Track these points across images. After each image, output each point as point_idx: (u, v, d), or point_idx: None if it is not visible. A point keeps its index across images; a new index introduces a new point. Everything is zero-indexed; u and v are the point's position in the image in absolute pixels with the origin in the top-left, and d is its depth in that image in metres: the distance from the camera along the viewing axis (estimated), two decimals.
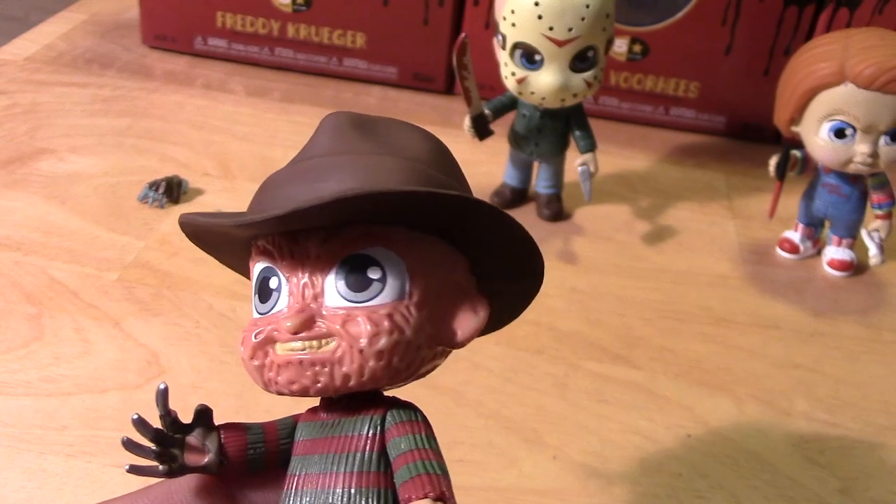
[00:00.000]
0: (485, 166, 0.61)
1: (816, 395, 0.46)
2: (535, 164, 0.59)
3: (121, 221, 0.54)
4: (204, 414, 0.24)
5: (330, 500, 0.21)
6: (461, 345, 0.23)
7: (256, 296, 0.23)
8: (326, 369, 0.22)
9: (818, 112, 0.50)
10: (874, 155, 0.50)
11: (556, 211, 0.58)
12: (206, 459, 0.23)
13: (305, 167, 0.23)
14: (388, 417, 0.22)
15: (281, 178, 0.23)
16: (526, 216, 0.59)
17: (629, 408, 0.44)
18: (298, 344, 0.22)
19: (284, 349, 0.22)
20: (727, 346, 0.48)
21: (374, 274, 0.22)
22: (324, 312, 0.22)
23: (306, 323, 0.22)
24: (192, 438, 0.23)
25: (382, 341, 0.21)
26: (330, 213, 0.21)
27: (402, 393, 0.24)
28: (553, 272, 0.53)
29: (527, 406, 0.43)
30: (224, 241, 0.25)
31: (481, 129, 0.56)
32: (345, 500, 0.21)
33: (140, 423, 0.22)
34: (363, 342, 0.21)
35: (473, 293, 0.24)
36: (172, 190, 0.56)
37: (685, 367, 0.47)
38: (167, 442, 0.23)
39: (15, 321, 0.45)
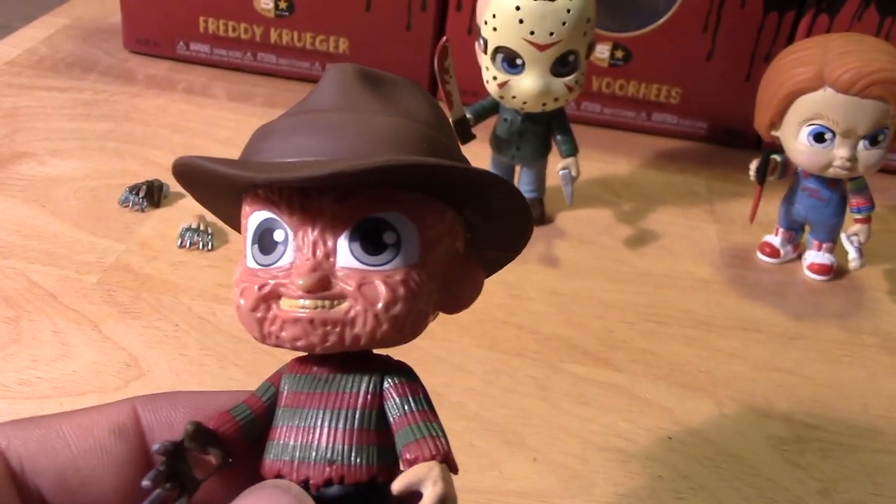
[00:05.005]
0: None
1: (796, 397, 0.46)
2: (517, 169, 0.59)
3: (101, 225, 0.54)
4: (196, 431, 0.22)
5: (328, 456, 0.21)
6: (458, 311, 0.24)
7: (255, 245, 0.23)
8: (337, 329, 0.21)
9: (797, 116, 0.50)
10: (853, 159, 0.50)
11: (538, 215, 0.58)
12: (215, 466, 0.22)
13: (315, 120, 0.22)
14: (388, 378, 0.22)
15: (286, 127, 0.23)
16: None
17: (610, 410, 0.44)
18: (309, 302, 0.21)
19: (292, 305, 0.22)
20: (708, 349, 0.49)
21: (389, 239, 0.22)
22: (337, 273, 0.22)
23: (321, 282, 0.21)
24: (194, 453, 0.22)
25: (398, 307, 0.21)
26: (360, 177, 0.21)
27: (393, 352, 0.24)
28: (535, 275, 0.53)
29: (508, 408, 0.43)
30: (216, 186, 0.24)
31: (463, 133, 0.56)
32: (344, 455, 0.21)
33: (157, 476, 0.21)
34: (379, 307, 0.21)
35: (471, 260, 0.24)
36: (153, 194, 0.55)
37: (666, 370, 0.47)
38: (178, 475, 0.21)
39: None
